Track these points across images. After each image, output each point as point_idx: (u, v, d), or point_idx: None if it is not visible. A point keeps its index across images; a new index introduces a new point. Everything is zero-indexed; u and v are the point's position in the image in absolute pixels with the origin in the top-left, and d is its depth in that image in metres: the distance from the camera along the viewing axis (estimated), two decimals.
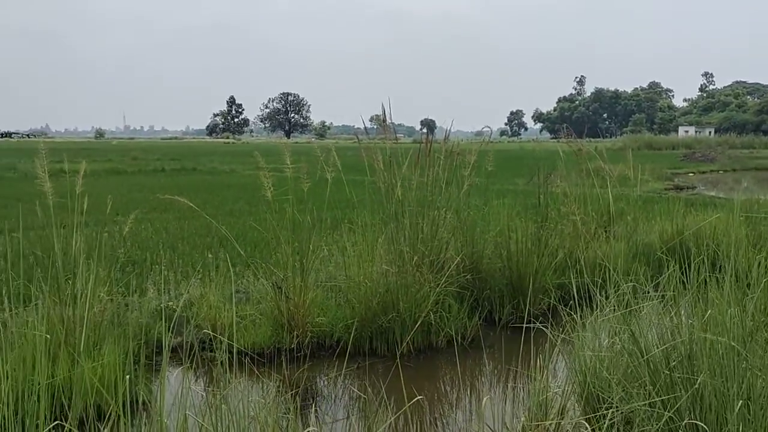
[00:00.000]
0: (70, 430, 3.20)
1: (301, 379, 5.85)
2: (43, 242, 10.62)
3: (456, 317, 6.95)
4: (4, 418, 3.20)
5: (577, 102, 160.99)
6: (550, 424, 4.34)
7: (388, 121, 7.17)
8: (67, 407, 4.35)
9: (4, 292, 7.33)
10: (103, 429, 3.25)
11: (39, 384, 3.53)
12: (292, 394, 5.34)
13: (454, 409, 5.82)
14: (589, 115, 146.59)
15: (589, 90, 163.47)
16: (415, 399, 5.20)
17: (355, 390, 5.86)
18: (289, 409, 4.32)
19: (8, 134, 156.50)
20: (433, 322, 6.70)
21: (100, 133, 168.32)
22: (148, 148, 68.71)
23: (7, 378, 4.28)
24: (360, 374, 6.19)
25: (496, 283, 7.68)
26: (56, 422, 3.17)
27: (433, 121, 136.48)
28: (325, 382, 6.12)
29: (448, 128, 7.97)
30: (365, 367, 6.28)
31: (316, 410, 5.47)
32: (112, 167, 31.14)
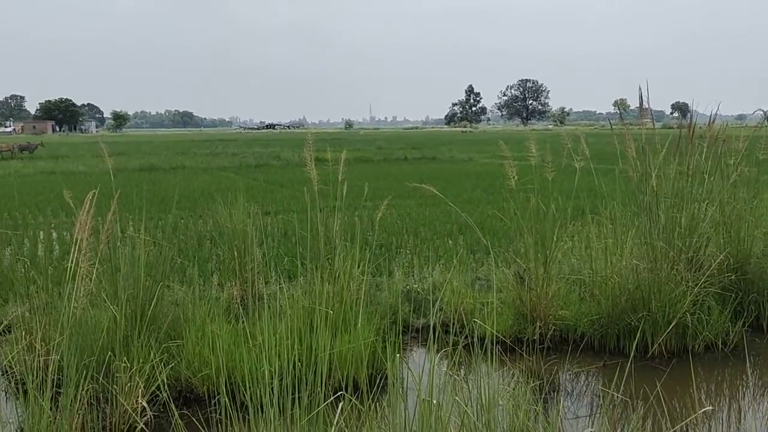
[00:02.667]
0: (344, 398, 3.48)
1: (544, 371, 5.75)
2: (302, 224, 11.75)
3: (716, 321, 6.31)
4: (289, 385, 3.54)
5: None
6: None
7: (645, 105, 6.67)
8: (340, 375, 4.72)
9: (272, 267, 8.25)
10: (371, 399, 3.48)
11: (322, 353, 3.86)
12: (534, 385, 5.27)
13: (709, 419, 5.31)
14: None
15: None
16: (701, 410, 4.83)
17: (600, 387, 5.62)
18: (535, 400, 4.28)
19: (272, 126, 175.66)
20: (689, 324, 6.16)
21: (349, 124, 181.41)
22: (391, 137, 72.49)
23: (278, 346, 4.79)
24: (605, 372, 5.92)
25: (765, 285, 6.84)
26: (340, 393, 3.42)
27: (686, 104, 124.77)
28: (568, 377, 5.95)
29: (713, 112, 7.19)
30: (611, 365, 5.99)
31: (558, 404, 5.34)
32: (360, 156, 33.37)
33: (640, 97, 6.74)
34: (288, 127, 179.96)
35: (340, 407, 3.08)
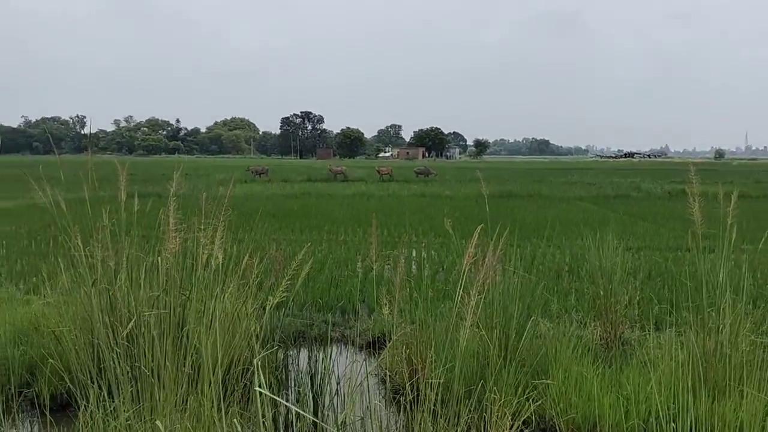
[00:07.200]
0: None
1: None
2: (668, 264, 10.82)
3: None
4: None
5: None
6: None
7: None
8: None
9: (638, 310, 7.72)
10: None
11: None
12: None
13: None
14: None
15: None
16: None
17: None
18: None
19: (630, 155, 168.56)
20: None
21: (719, 154, 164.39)
22: None
23: (649, 401, 4.39)
24: None
25: None
26: None
27: None
28: None
29: None
30: None
31: None
32: (732, 190, 29.78)
33: None
34: (648, 156, 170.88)
35: None
